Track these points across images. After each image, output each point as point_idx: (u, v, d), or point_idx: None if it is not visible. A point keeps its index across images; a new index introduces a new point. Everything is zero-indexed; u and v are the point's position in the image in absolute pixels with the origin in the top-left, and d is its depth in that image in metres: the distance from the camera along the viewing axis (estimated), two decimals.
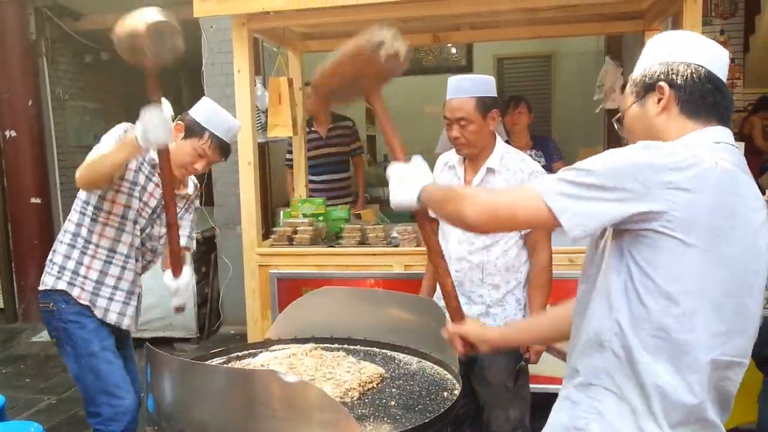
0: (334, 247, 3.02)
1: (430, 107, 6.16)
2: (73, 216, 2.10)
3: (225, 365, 1.76)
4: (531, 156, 3.46)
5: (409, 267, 2.83)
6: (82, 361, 2.06)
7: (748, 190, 1.04)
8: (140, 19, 1.66)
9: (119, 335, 2.19)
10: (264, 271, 2.97)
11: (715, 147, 1.06)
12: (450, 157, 2.23)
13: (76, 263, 2.08)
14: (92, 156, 1.92)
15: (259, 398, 1.26)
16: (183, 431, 1.33)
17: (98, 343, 2.07)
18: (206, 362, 1.74)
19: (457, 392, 1.58)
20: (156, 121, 1.75)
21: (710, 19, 6.16)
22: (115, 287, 2.12)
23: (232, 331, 4.49)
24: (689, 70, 1.10)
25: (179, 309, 2.14)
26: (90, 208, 2.07)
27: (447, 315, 2.03)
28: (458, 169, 2.19)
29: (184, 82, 6.93)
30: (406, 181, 1.36)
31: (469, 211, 1.16)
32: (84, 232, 2.08)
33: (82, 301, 2.07)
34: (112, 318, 2.12)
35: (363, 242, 3.00)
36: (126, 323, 2.16)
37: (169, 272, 2.04)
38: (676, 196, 0.98)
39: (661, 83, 1.11)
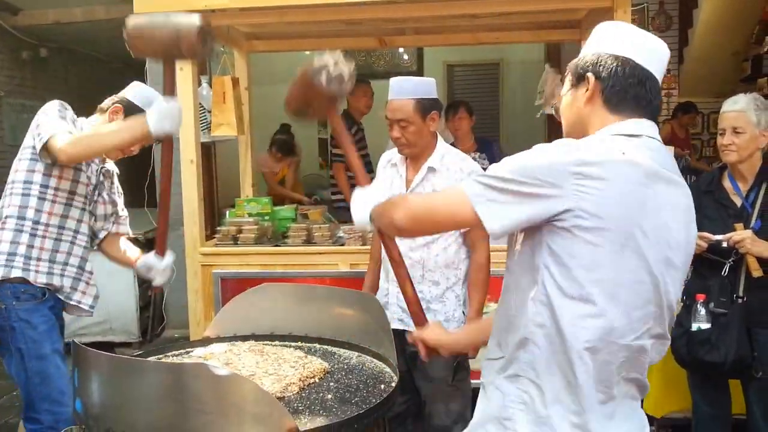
0: (279, 246, 3.01)
1: (382, 110, 6.22)
2: (14, 200, 2.02)
3: (153, 359, 1.73)
4: (475, 159, 3.56)
5: (355, 265, 2.85)
6: (30, 364, 1.97)
7: (661, 183, 1.07)
8: (188, 19, 1.73)
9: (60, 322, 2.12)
10: (207, 271, 2.92)
11: (629, 140, 1.09)
12: (393, 155, 2.27)
13: (26, 247, 2.00)
14: (73, 132, 1.89)
15: (189, 392, 1.24)
16: (110, 429, 1.30)
17: (49, 346, 1.99)
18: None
19: (394, 384, 1.61)
20: (175, 111, 1.80)
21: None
22: (65, 263, 2.06)
23: (176, 335, 4.38)
24: (616, 63, 1.12)
25: (158, 288, 2.20)
26: (35, 187, 2.01)
27: (386, 310, 2.08)
28: (400, 168, 2.23)
29: (129, 79, 6.74)
30: (361, 203, 1.45)
31: (396, 217, 1.24)
32: (30, 213, 2.01)
33: (38, 284, 2.00)
34: (65, 292, 2.06)
35: (309, 241, 3.00)
36: (76, 298, 2.09)
37: (151, 253, 2.08)
38: (586, 188, 1.02)
39: (589, 74, 1.14)
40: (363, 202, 1.46)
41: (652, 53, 1.14)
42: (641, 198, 1.04)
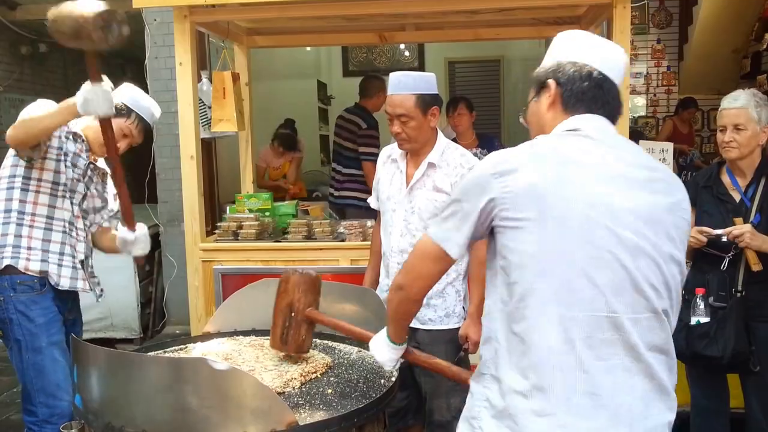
0: (280, 242, 3.01)
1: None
2: (0, 194, 2.05)
3: (153, 353, 1.73)
4: (476, 154, 3.56)
5: (356, 261, 2.85)
6: (26, 356, 1.98)
7: (583, 168, 1.11)
8: (87, 7, 1.70)
9: (70, 316, 2.14)
10: (208, 266, 2.93)
11: (564, 134, 1.16)
12: (393, 151, 2.27)
13: (14, 237, 2.01)
14: (24, 116, 1.94)
15: (189, 387, 1.25)
16: (110, 424, 1.30)
17: (46, 339, 2.00)
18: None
19: (394, 379, 1.61)
20: (99, 93, 1.83)
21: (647, 29, 6.48)
22: (62, 252, 2.07)
23: (177, 331, 4.39)
24: (574, 69, 1.19)
25: (140, 259, 2.24)
26: (18, 180, 2.04)
27: (386, 305, 2.08)
28: (400, 163, 2.23)
29: (128, 76, 6.74)
30: (377, 343, 1.48)
31: (394, 299, 1.31)
32: (15, 204, 2.03)
33: (31, 271, 2.00)
34: (65, 284, 2.06)
35: (309, 237, 3.00)
36: (80, 285, 2.10)
37: (123, 228, 2.13)
38: (506, 181, 1.10)
39: (550, 80, 1.20)
40: (378, 341, 1.47)
41: (609, 59, 1.20)
42: (557, 180, 1.09)
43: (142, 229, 2.16)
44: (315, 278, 1.68)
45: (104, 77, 1.87)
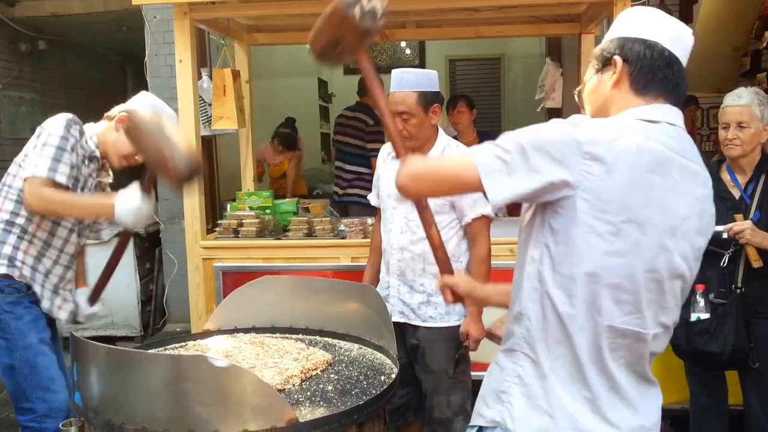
0: (280, 239, 3.01)
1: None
2: (7, 205, 2.03)
3: (153, 351, 1.73)
4: None
5: (356, 259, 2.86)
6: (17, 354, 1.98)
7: (674, 170, 1.06)
8: (181, 154, 1.70)
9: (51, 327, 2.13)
10: (208, 264, 2.93)
11: (646, 125, 1.08)
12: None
13: (12, 248, 2.01)
14: (54, 197, 1.90)
15: (188, 384, 1.25)
16: (110, 421, 1.30)
17: (35, 335, 2.01)
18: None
19: (394, 376, 1.62)
20: (144, 209, 1.87)
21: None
22: (46, 276, 2.07)
23: (177, 329, 4.39)
24: (643, 46, 1.12)
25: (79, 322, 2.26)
26: None
27: (387, 303, 2.08)
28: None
29: (128, 73, 6.73)
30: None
31: (401, 176, 1.23)
32: (21, 220, 2.02)
33: (23, 279, 2.01)
34: (45, 305, 2.07)
35: (310, 234, 3.00)
36: (54, 312, 2.10)
37: (83, 298, 2.18)
38: (591, 168, 1.02)
39: (616, 57, 1.14)
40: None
41: (677, 38, 1.14)
42: (646, 185, 1.04)
43: (98, 307, 2.21)
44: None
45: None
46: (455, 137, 3.53)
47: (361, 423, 1.41)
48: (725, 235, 2.10)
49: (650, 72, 1.12)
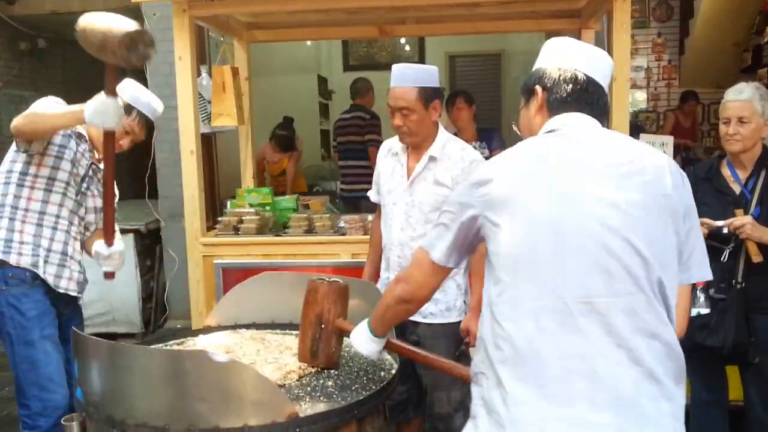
0: (280, 236, 3.01)
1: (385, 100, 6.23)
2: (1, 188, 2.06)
3: (152, 346, 1.74)
4: (476, 147, 3.56)
5: (356, 255, 2.86)
6: (18, 349, 1.99)
7: (555, 158, 1.15)
8: (117, 24, 1.74)
9: (66, 310, 2.14)
10: (209, 261, 2.93)
11: (541, 137, 1.21)
12: (393, 144, 2.27)
13: (6, 231, 2.03)
14: (33, 110, 1.96)
15: (189, 379, 1.25)
16: (111, 416, 1.31)
17: (38, 332, 2.01)
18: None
19: (394, 371, 1.62)
20: (111, 106, 1.87)
21: (648, 22, 6.46)
22: (49, 249, 2.07)
23: (178, 326, 4.40)
24: (559, 73, 1.24)
25: (109, 275, 2.20)
26: (15, 175, 2.06)
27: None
28: (401, 156, 2.22)
29: (128, 70, 6.72)
30: (359, 336, 1.52)
31: (396, 308, 1.39)
32: (9, 200, 2.05)
33: (22, 265, 2.01)
34: (50, 281, 2.07)
35: (310, 231, 3.01)
36: (63, 285, 2.10)
37: (100, 241, 2.13)
38: (481, 191, 1.18)
39: (536, 86, 1.26)
40: (359, 332, 1.51)
41: (593, 62, 1.25)
42: (529, 175, 1.14)
43: (118, 246, 2.15)
44: (344, 287, 1.66)
45: (118, 92, 1.91)
46: (455, 134, 3.55)
47: (361, 418, 1.42)
48: (726, 231, 2.09)
49: (566, 94, 1.23)
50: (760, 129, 2.13)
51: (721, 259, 2.14)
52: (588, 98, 1.22)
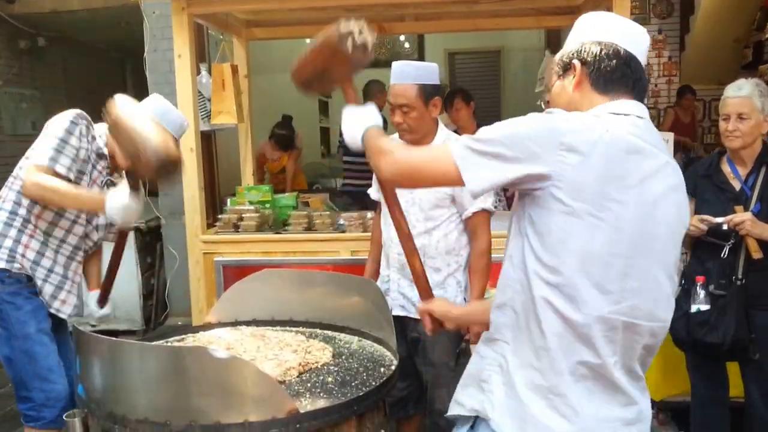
0: (280, 233, 3.02)
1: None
2: (10, 195, 2.05)
3: (153, 342, 1.74)
4: None
5: (356, 252, 2.86)
6: (16, 344, 2.00)
7: (646, 160, 1.09)
8: (154, 143, 1.77)
9: (56, 318, 2.14)
10: (209, 258, 2.94)
11: (618, 117, 1.12)
12: (394, 140, 2.27)
13: (13, 241, 2.02)
14: (51, 184, 1.92)
15: (189, 376, 1.26)
16: (112, 412, 1.31)
17: (35, 326, 2.02)
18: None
19: (393, 368, 1.62)
20: (131, 210, 1.92)
21: (648, 19, 6.45)
22: (50, 270, 2.08)
23: (179, 323, 4.41)
24: (599, 48, 1.17)
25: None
26: None
27: (387, 296, 2.09)
28: None
29: (128, 69, 6.72)
30: (356, 119, 1.42)
31: (383, 167, 1.27)
32: (22, 211, 2.03)
33: (24, 271, 2.02)
34: (47, 301, 2.08)
35: (310, 228, 3.01)
36: (56, 306, 2.11)
37: (95, 298, 2.21)
38: (567, 159, 1.05)
39: (575, 61, 1.19)
40: (358, 119, 1.41)
41: (632, 36, 1.19)
42: (620, 173, 1.07)
43: (107, 310, 2.23)
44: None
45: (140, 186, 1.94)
46: (455, 131, 3.54)
47: (361, 414, 1.42)
48: (725, 227, 2.09)
49: (609, 71, 1.16)
50: (759, 125, 2.13)
51: (721, 255, 2.15)
52: (632, 75, 1.16)
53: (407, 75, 2.09)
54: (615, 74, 1.16)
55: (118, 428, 1.30)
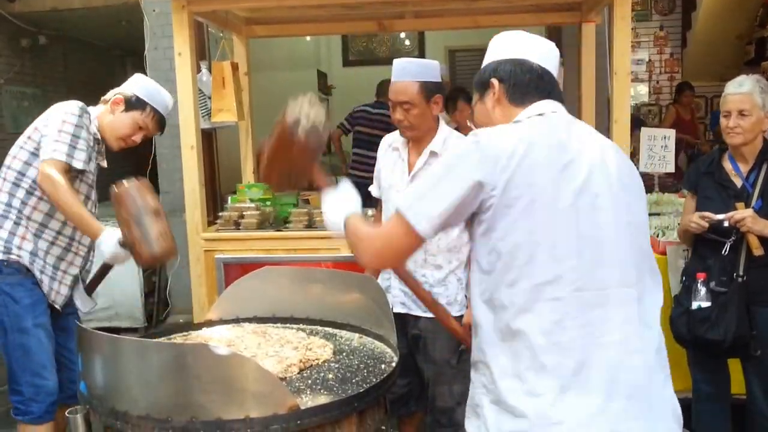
0: (281, 231, 3.02)
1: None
2: (5, 186, 2.06)
3: (154, 339, 1.75)
4: None
5: None
6: (11, 337, 2.01)
7: (564, 151, 1.15)
8: (154, 242, 1.81)
9: (61, 311, 2.16)
10: (210, 256, 2.94)
11: (534, 119, 1.22)
12: (394, 139, 2.26)
13: (9, 233, 2.04)
14: (64, 192, 1.93)
15: (191, 372, 1.26)
16: (114, 408, 1.32)
17: (31, 320, 2.03)
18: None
19: (394, 364, 1.62)
20: (119, 256, 1.96)
21: (650, 15, 6.44)
22: (45, 261, 2.08)
23: (181, 320, 4.41)
24: (513, 65, 1.26)
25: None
26: (27, 181, 2.05)
27: (388, 294, 2.09)
28: (402, 152, 2.22)
29: (129, 67, 6.72)
30: (336, 206, 1.40)
31: (362, 255, 1.29)
32: (16, 203, 2.05)
33: (22, 261, 2.02)
34: (44, 290, 2.09)
35: (310, 226, 3.01)
36: (51, 297, 2.11)
37: (83, 291, 2.23)
38: (495, 166, 1.11)
39: (492, 79, 1.27)
40: (339, 206, 1.39)
41: (543, 53, 1.28)
42: (542, 162, 1.12)
43: (93, 302, 2.27)
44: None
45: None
46: (456, 129, 3.54)
47: (361, 411, 1.42)
48: (726, 224, 2.09)
49: (524, 85, 1.25)
50: (760, 122, 2.13)
51: (722, 252, 2.15)
52: (545, 86, 1.25)
53: (408, 72, 2.09)
54: (530, 87, 1.25)
55: (120, 424, 1.31)
